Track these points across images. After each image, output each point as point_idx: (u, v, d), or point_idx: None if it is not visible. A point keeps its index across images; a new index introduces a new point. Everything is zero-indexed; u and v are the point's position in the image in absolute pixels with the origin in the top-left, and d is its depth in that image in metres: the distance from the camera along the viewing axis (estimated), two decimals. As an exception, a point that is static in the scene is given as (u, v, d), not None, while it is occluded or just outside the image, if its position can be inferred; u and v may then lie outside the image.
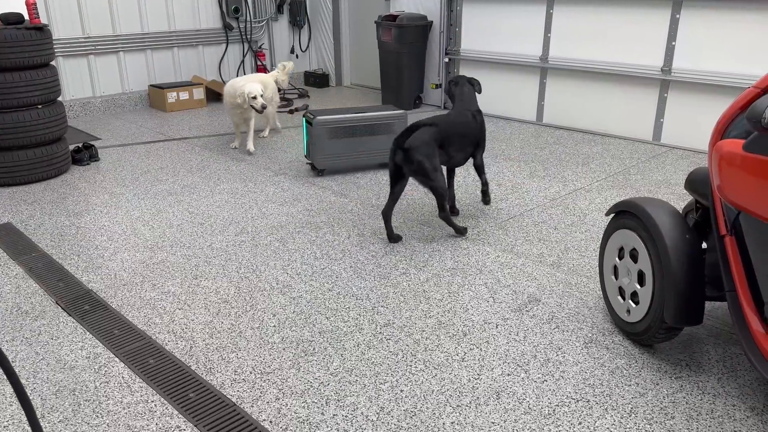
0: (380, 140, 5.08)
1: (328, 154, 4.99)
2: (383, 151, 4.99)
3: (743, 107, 2.23)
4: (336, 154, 5.02)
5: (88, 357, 2.73)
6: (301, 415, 2.36)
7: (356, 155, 5.10)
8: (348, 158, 5.08)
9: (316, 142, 4.90)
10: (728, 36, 5.35)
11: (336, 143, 4.97)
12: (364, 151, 5.10)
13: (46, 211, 4.42)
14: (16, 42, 4.65)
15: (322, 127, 4.88)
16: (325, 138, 4.91)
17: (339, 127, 4.93)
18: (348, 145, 5.02)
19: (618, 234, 2.82)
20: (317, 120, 4.86)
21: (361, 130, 5.01)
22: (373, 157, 5.16)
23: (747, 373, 2.59)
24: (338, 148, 5.00)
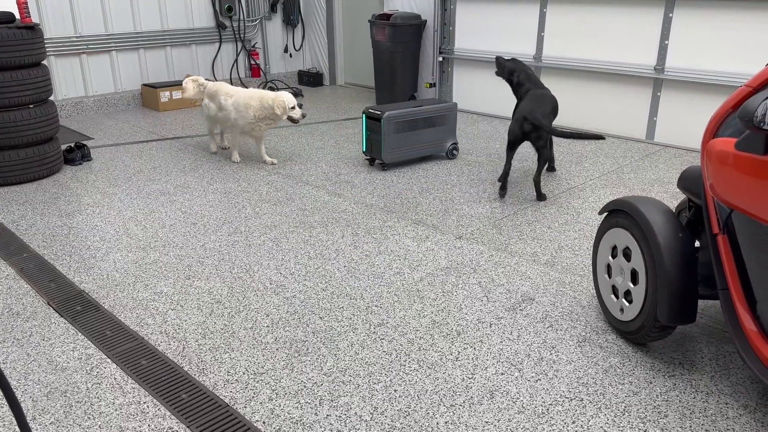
0: (436, 131, 5.35)
1: (394, 148, 5.15)
2: (438, 141, 5.39)
3: (735, 106, 2.23)
4: (400, 147, 5.19)
5: (79, 358, 2.71)
6: (294, 416, 2.35)
7: (416, 147, 5.29)
8: (410, 150, 5.26)
9: (386, 137, 5.04)
10: (721, 35, 5.37)
11: (400, 137, 5.14)
12: (422, 142, 5.31)
13: (37, 211, 4.39)
14: (6, 41, 4.62)
15: (391, 121, 5.02)
16: (393, 132, 5.07)
17: (404, 121, 5.11)
18: (409, 138, 5.20)
19: (611, 233, 2.83)
20: (387, 115, 4.99)
21: (421, 123, 5.23)
22: (430, 147, 5.39)
23: (740, 371, 2.60)
24: (402, 142, 5.17)
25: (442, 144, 5.43)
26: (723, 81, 5.38)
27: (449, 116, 5.38)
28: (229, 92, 5.26)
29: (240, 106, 5.15)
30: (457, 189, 4.78)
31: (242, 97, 5.19)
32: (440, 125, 5.34)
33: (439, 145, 5.41)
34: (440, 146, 5.42)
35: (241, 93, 5.23)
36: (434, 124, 5.30)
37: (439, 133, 5.35)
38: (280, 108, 5.08)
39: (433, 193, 4.71)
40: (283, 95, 5.13)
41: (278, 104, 5.08)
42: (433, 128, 5.30)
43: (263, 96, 5.15)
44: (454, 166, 5.34)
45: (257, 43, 8.72)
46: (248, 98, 5.16)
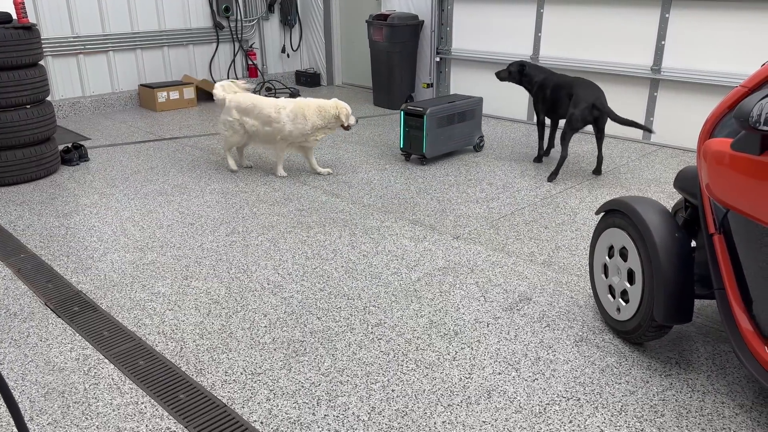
0: (466, 125, 5.58)
1: (435, 143, 5.32)
2: (468, 135, 5.63)
3: (731, 106, 2.24)
4: (439, 141, 5.37)
5: (77, 359, 2.71)
6: (292, 416, 2.35)
7: (452, 141, 5.49)
8: (446, 144, 5.46)
9: (428, 132, 5.21)
10: (717, 35, 5.38)
11: (440, 131, 5.33)
12: (456, 136, 5.51)
13: (35, 211, 4.39)
14: (3, 41, 4.61)
15: (433, 117, 5.20)
16: (435, 127, 5.24)
17: (444, 116, 5.31)
18: (446, 133, 5.40)
19: (608, 233, 2.83)
20: (430, 111, 5.16)
21: (457, 118, 5.43)
22: (462, 141, 5.61)
23: (736, 370, 2.61)
24: (441, 136, 5.36)
25: (471, 137, 5.67)
26: (719, 81, 5.40)
27: (477, 111, 5.63)
28: (277, 104, 4.91)
29: (298, 117, 4.86)
30: (455, 189, 4.79)
31: (298, 107, 4.89)
32: (470, 119, 5.58)
33: (469, 138, 5.65)
34: (470, 139, 5.67)
35: (295, 103, 4.92)
36: (465, 118, 5.52)
37: (468, 126, 5.59)
38: (344, 115, 4.88)
39: (431, 193, 4.72)
40: (342, 102, 4.93)
41: (342, 111, 4.88)
42: (464, 122, 5.52)
43: (321, 105, 4.90)
44: (451, 166, 5.35)
45: (254, 44, 8.71)
46: (305, 108, 4.88)
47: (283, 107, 4.89)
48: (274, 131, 4.92)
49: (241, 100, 5.00)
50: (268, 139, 5.03)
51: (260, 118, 4.92)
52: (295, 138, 4.95)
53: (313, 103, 4.91)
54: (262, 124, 4.93)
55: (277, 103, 4.93)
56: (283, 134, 4.92)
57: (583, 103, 4.71)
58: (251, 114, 4.94)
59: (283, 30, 9.02)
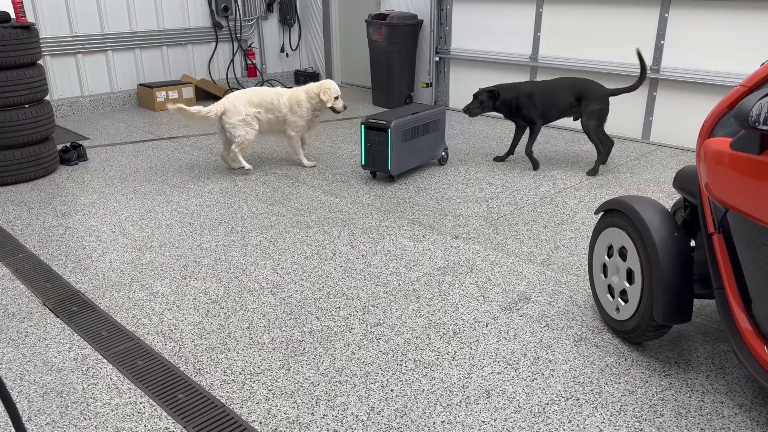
0: (431, 138, 5.18)
1: (401, 159, 4.89)
2: (433, 147, 5.23)
3: (730, 106, 2.24)
4: (405, 157, 4.94)
5: (75, 359, 2.71)
6: (291, 416, 2.35)
7: (417, 155, 5.07)
8: (412, 159, 5.04)
9: (393, 147, 4.75)
10: (716, 35, 5.38)
11: (405, 146, 4.90)
12: (421, 150, 5.10)
13: (33, 211, 4.38)
14: (2, 41, 4.61)
15: (398, 130, 4.76)
16: (400, 141, 4.81)
17: (409, 129, 4.88)
18: (411, 147, 4.97)
19: (607, 232, 2.83)
20: (395, 124, 4.70)
21: (421, 130, 5.03)
22: (427, 154, 5.19)
23: (735, 370, 2.61)
24: (406, 151, 4.93)
25: (436, 150, 5.28)
26: (718, 81, 5.40)
27: (441, 121, 5.25)
28: (276, 91, 5.11)
29: (293, 106, 5.06)
30: (454, 189, 4.79)
31: (292, 95, 5.08)
32: (434, 131, 5.19)
33: (434, 151, 5.26)
34: (434, 152, 5.28)
35: (289, 92, 5.12)
36: (429, 130, 5.14)
37: (433, 139, 5.20)
38: (325, 94, 5.00)
39: (430, 192, 4.71)
40: (327, 83, 5.06)
41: (324, 90, 5.01)
42: (428, 135, 5.13)
43: (309, 88, 5.10)
44: (450, 166, 5.34)
45: (254, 43, 8.71)
46: (297, 94, 5.08)
47: (282, 95, 5.10)
48: (278, 119, 5.11)
49: (240, 94, 5.06)
50: (273, 127, 5.18)
51: (263, 105, 5.07)
52: (301, 126, 5.15)
53: (302, 89, 5.12)
54: (266, 111, 5.08)
55: (275, 91, 5.13)
56: (288, 123, 5.11)
57: (603, 98, 4.96)
58: (254, 103, 5.07)
59: (282, 29, 9.01)
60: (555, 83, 5.07)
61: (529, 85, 5.10)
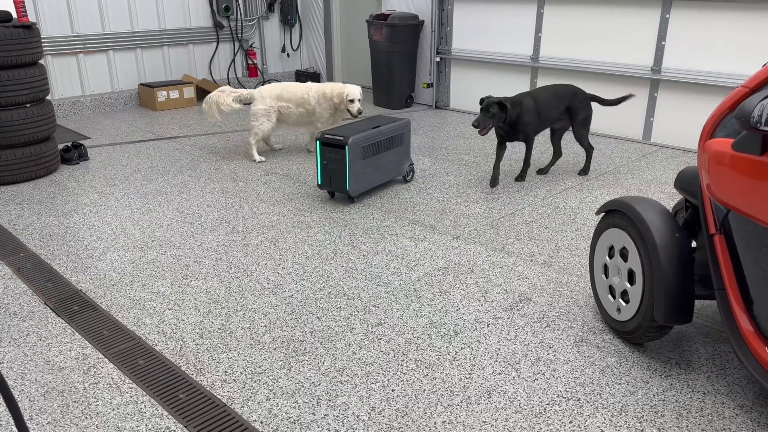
0: (395, 153, 4.73)
1: (360, 178, 4.42)
2: (398, 163, 4.78)
3: (732, 107, 2.24)
4: (365, 175, 4.48)
5: (77, 358, 2.71)
6: (292, 416, 2.35)
7: (379, 173, 4.62)
8: (373, 177, 4.58)
9: (352, 165, 4.30)
10: (717, 36, 5.38)
11: (365, 163, 4.44)
12: (384, 167, 4.65)
13: (34, 210, 4.39)
14: (3, 40, 4.61)
15: (356, 146, 4.30)
16: (359, 159, 4.37)
17: (370, 145, 4.43)
18: (373, 164, 4.52)
19: (608, 233, 2.83)
20: (353, 140, 4.26)
21: (384, 145, 4.59)
22: (392, 171, 4.76)
23: (736, 371, 2.61)
24: (366, 169, 4.47)
25: (401, 166, 4.82)
26: (720, 82, 5.40)
27: (405, 135, 4.79)
28: (306, 86, 5.41)
29: (320, 99, 5.33)
30: (454, 189, 4.79)
31: (319, 89, 5.37)
32: (398, 146, 4.73)
33: (398, 167, 4.79)
34: (399, 169, 4.81)
35: (317, 86, 5.41)
36: (393, 145, 4.67)
37: (397, 154, 4.74)
38: (338, 97, 5.26)
39: (431, 193, 4.72)
40: (345, 87, 5.29)
41: (338, 93, 5.26)
42: (392, 150, 4.67)
43: (331, 86, 5.37)
44: (452, 166, 5.34)
45: (255, 43, 8.71)
46: (324, 89, 5.35)
47: (311, 88, 5.39)
48: (308, 112, 5.40)
49: (272, 87, 5.46)
50: (300, 120, 5.48)
51: (293, 100, 5.38)
52: (325, 119, 5.40)
53: (327, 86, 5.38)
54: (296, 106, 5.39)
55: (304, 85, 5.44)
56: (316, 116, 5.40)
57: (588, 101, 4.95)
58: (283, 98, 5.39)
59: (283, 29, 9.01)
60: (546, 93, 4.78)
61: (528, 100, 4.65)
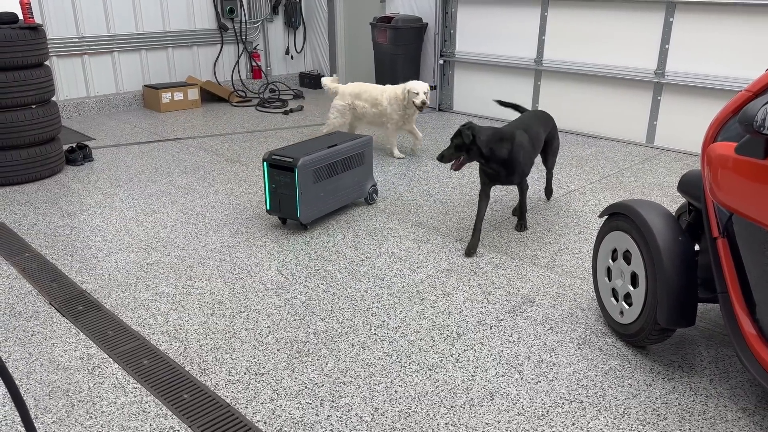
0: (354, 173, 4.34)
1: (312, 203, 4.02)
2: (358, 184, 4.40)
3: (735, 110, 2.24)
4: (318, 200, 4.07)
5: (81, 358, 2.72)
6: (295, 416, 2.36)
7: (337, 197, 4.23)
8: (329, 202, 4.18)
9: (303, 190, 3.91)
10: (721, 39, 5.39)
11: (318, 187, 4.04)
12: (342, 189, 4.26)
13: (39, 211, 4.41)
14: (9, 42, 4.64)
15: (307, 169, 3.91)
16: (311, 183, 3.97)
17: (323, 167, 4.04)
18: (327, 187, 4.12)
19: (611, 236, 2.84)
20: (303, 161, 3.86)
21: (341, 166, 4.20)
22: (351, 193, 4.37)
23: (739, 374, 2.61)
24: (320, 193, 4.07)
25: (362, 188, 4.45)
26: (723, 85, 5.40)
27: (366, 153, 4.41)
28: (381, 89, 5.63)
29: (392, 101, 5.52)
30: (458, 191, 4.80)
31: (392, 91, 5.57)
32: (357, 166, 4.35)
33: (359, 189, 4.42)
34: (360, 190, 4.44)
35: (390, 89, 5.60)
36: (352, 165, 4.30)
37: (357, 175, 4.36)
38: (402, 93, 5.43)
39: (434, 195, 4.73)
40: (408, 85, 5.42)
41: (401, 91, 5.44)
42: (351, 170, 4.29)
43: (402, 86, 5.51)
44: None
45: (259, 45, 8.74)
46: (396, 91, 5.53)
47: (385, 91, 5.62)
48: (380, 113, 5.62)
49: (354, 86, 5.77)
50: (374, 120, 5.72)
51: (369, 100, 5.64)
52: (395, 120, 5.57)
53: (400, 87, 5.53)
54: (371, 106, 5.65)
55: (381, 87, 5.69)
56: (387, 116, 5.58)
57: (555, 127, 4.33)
58: (361, 97, 5.68)
59: (287, 32, 9.04)
60: (534, 123, 4.01)
61: (521, 133, 3.78)
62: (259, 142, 6.20)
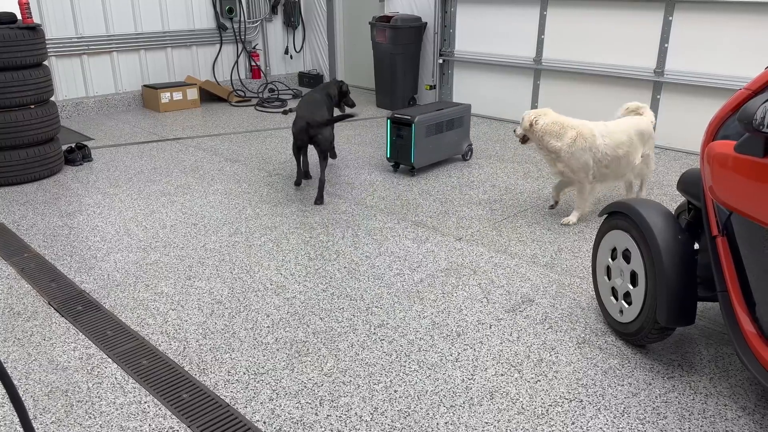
0: (455, 133, 5.37)
1: (424, 153, 5.13)
2: (457, 143, 5.43)
3: (735, 109, 2.24)
4: (428, 151, 5.18)
5: (80, 358, 2.72)
6: (294, 416, 2.35)
7: (441, 150, 5.30)
8: (435, 153, 5.27)
9: (417, 141, 5.00)
10: (720, 38, 5.38)
11: (429, 140, 5.13)
12: (445, 145, 5.32)
13: (38, 211, 4.40)
14: (8, 42, 4.63)
15: (422, 125, 4.99)
16: (423, 136, 5.05)
17: (433, 125, 5.11)
18: (435, 142, 5.20)
19: (611, 235, 2.84)
20: (419, 119, 4.95)
21: (445, 126, 5.23)
22: (451, 149, 5.42)
23: (738, 373, 2.61)
24: (429, 145, 5.16)
25: (460, 146, 5.50)
26: (722, 84, 5.40)
27: (465, 118, 5.45)
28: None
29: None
30: (457, 191, 4.80)
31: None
32: (458, 127, 5.39)
33: (458, 146, 5.47)
34: (459, 148, 5.49)
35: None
36: (454, 126, 5.33)
37: (457, 135, 5.40)
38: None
39: (433, 194, 4.72)
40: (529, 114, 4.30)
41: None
42: (453, 131, 5.33)
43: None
44: (454, 169, 5.35)
45: (258, 45, 8.73)
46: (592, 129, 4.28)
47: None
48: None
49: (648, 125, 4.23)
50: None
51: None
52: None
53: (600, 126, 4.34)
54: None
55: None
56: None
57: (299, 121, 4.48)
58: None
59: (286, 31, 9.03)
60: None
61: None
62: (259, 141, 6.20)
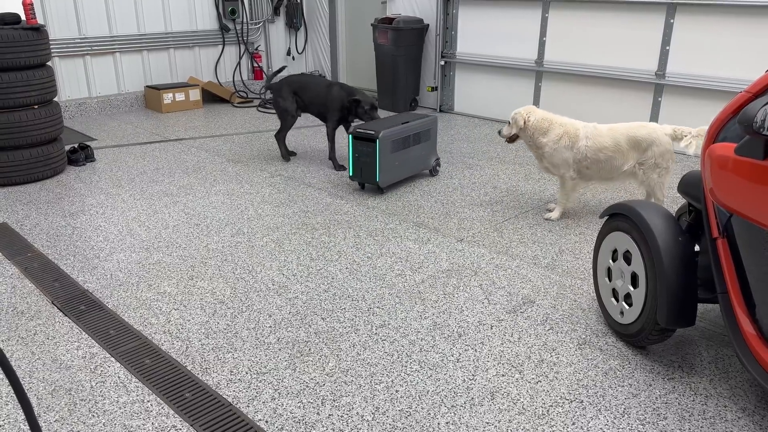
0: (422, 148, 5.02)
1: (389, 170, 4.75)
2: (425, 157, 5.07)
3: (735, 111, 2.25)
4: (394, 168, 4.80)
5: (84, 357, 2.73)
6: (296, 415, 2.37)
7: (407, 166, 4.94)
8: (401, 170, 4.90)
9: (382, 158, 4.61)
10: (721, 41, 5.40)
11: (394, 157, 4.75)
12: (412, 160, 4.96)
13: (41, 211, 4.42)
14: (12, 42, 4.65)
15: (386, 141, 4.61)
16: (389, 152, 4.68)
17: (399, 139, 4.74)
18: (401, 157, 4.83)
19: (612, 236, 2.85)
20: (383, 135, 4.56)
21: (412, 140, 4.89)
22: (418, 165, 5.05)
23: (739, 374, 2.62)
24: (395, 162, 4.78)
25: (428, 160, 5.13)
26: (723, 86, 5.41)
27: (432, 131, 5.10)
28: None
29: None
30: (458, 192, 4.81)
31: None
32: (425, 141, 5.04)
33: (426, 161, 5.11)
34: (426, 163, 5.12)
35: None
36: (421, 140, 4.99)
37: (424, 149, 5.05)
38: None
39: (435, 196, 4.74)
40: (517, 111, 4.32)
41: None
42: (420, 145, 4.98)
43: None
44: (455, 170, 5.36)
45: (260, 46, 8.75)
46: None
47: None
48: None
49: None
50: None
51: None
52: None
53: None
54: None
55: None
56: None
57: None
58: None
59: (289, 32, 9.05)
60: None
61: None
62: (261, 142, 6.22)
